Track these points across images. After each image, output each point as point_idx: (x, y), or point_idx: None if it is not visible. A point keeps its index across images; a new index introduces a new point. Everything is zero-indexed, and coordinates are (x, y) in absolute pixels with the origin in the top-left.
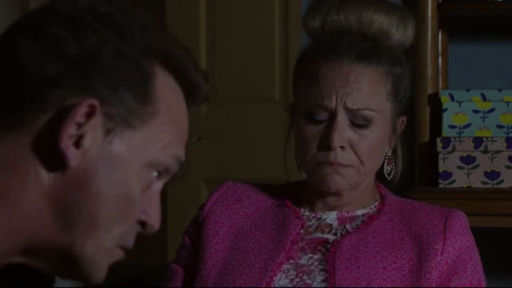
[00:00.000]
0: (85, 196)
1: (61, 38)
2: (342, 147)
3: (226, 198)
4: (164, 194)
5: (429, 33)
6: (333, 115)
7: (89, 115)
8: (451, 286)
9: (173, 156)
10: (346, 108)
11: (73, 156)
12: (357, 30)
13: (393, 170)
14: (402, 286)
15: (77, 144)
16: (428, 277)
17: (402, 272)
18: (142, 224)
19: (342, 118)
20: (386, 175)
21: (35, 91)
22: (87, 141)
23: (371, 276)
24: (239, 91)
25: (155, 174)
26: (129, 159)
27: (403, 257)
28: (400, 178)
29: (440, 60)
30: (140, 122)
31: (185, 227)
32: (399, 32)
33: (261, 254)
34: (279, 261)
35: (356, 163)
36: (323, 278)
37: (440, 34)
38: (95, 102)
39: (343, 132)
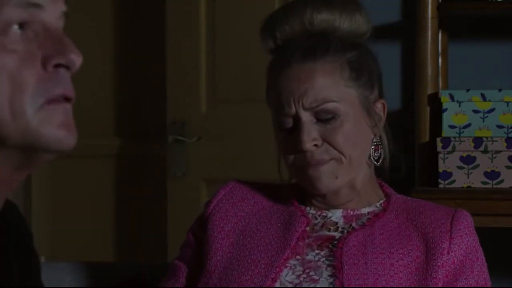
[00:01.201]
0: None
1: None
2: (315, 145)
3: (232, 196)
4: (164, 194)
5: (429, 33)
6: (297, 119)
7: None
8: (458, 285)
9: (15, 6)
10: (306, 108)
11: None
12: (303, 33)
13: (382, 156)
14: (409, 285)
15: None
16: (435, 276)
17: (409, 269)
18: (65, 67)
19: (306, 118)
20: (374, 161)
21: None
22: None
23: (379, 272)
24: (239, 91)
25: (16, 29)
26: None
27: (410, 254)
28: (400, 169)
29: (440, 60)
30: None
31: (185, 227)
32: (344, 22)
33: (266, 251)
34: (284, 257)
35: (336, 155)
36: (330, 273)
37: (440, 34)
38: None
39: (311, 131)
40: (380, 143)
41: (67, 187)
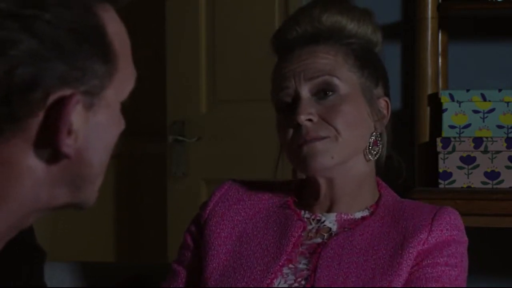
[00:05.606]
0: (83, 167)
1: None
2: (310, 120)
3: (228, 199)
4: (164, 194)
5: (429, 33)
6: (297, 95)
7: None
8: (423, 264)
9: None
10: (306, 79)
11: (71, 148)
12: (311, 30)
13: (379, 152)
14: (379, 279)
15: (69, 133)
16: (406, 258)
17: (382, 261)
18: None
19: (305, 94)
20: (371, 155)
21: (15, 100)
22: (76, 126)
23: (350, 271)
24: (239, 91)
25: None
26: (110, 116)
27: (385, 248)
28: (401, 173)
29: (440, 60)
30: (109, 79)
31: (185, 227)
32: (352, 23)
33: (263, 257)
34: (280, 263)
35: (332, 132)
36: (305, 276)
37: (440, 34)
38: (76, 93)
39: (309, 106)
40: (379, 138)
41: None
